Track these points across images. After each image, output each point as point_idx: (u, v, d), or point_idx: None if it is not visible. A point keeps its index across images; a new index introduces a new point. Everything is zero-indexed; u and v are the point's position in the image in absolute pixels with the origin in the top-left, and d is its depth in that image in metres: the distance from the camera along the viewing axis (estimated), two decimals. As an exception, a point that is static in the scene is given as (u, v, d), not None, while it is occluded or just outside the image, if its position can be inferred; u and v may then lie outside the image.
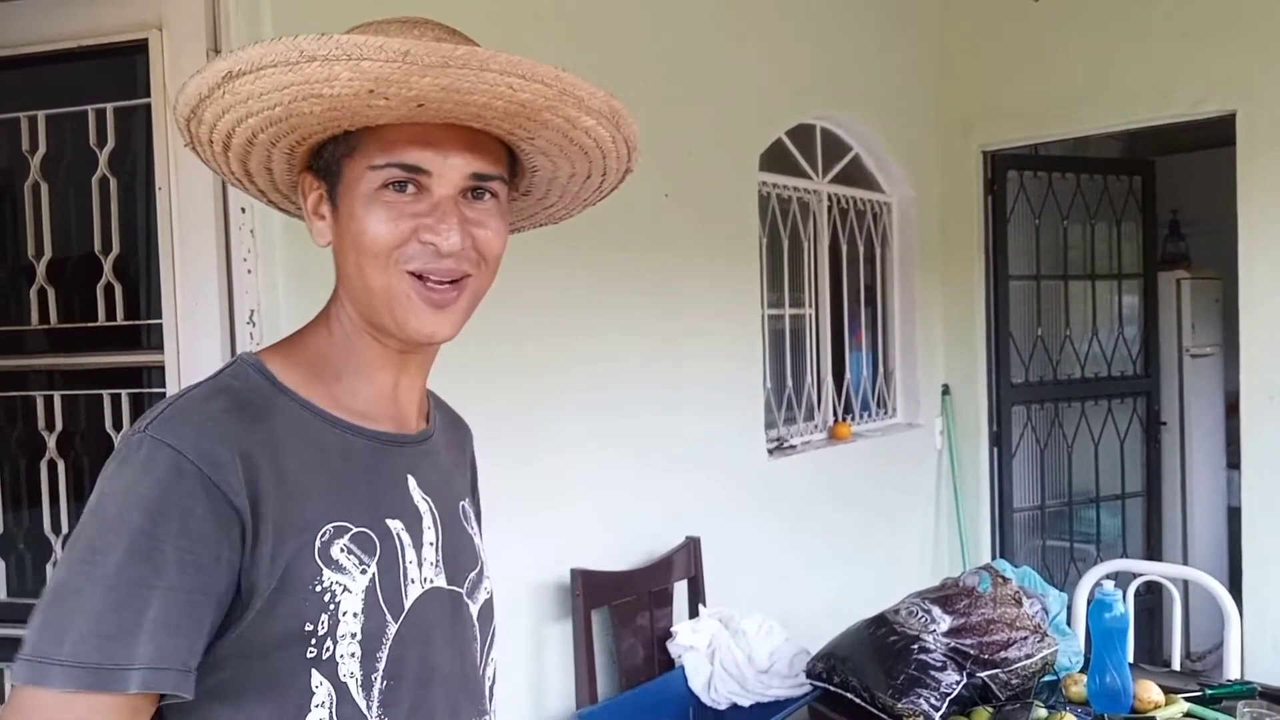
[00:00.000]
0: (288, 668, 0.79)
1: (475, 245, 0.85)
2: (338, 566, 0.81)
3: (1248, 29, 3.46)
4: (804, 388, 3.62)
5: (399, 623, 0.85)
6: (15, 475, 2.11)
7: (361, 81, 0.74)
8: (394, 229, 0.82)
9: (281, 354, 0.89)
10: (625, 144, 0.91)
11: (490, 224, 0.86)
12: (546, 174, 0.95)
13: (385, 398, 0.91)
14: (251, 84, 0.76)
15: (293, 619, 0.79)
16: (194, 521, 0.75)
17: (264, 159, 0.88)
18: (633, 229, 2.69)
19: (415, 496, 0.90)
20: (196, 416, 0.79)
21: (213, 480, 0.75)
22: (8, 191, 2.07)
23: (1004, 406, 4.19)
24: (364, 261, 0.84)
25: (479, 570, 0.98)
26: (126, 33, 1.90)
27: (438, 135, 0.82)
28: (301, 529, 0.80)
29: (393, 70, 0.73)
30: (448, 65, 0.74)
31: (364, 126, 0.82)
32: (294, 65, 0.73)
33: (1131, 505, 4.46)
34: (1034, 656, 1.89)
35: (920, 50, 4.07)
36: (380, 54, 0.72)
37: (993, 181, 4.14)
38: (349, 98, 0.76)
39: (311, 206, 0.89)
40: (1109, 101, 3.79)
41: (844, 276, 3.84)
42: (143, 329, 2.00)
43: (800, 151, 3.56)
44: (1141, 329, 4.47)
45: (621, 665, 2.54)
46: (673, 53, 2.87)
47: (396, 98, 0.76)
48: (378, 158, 0.82)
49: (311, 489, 0.82)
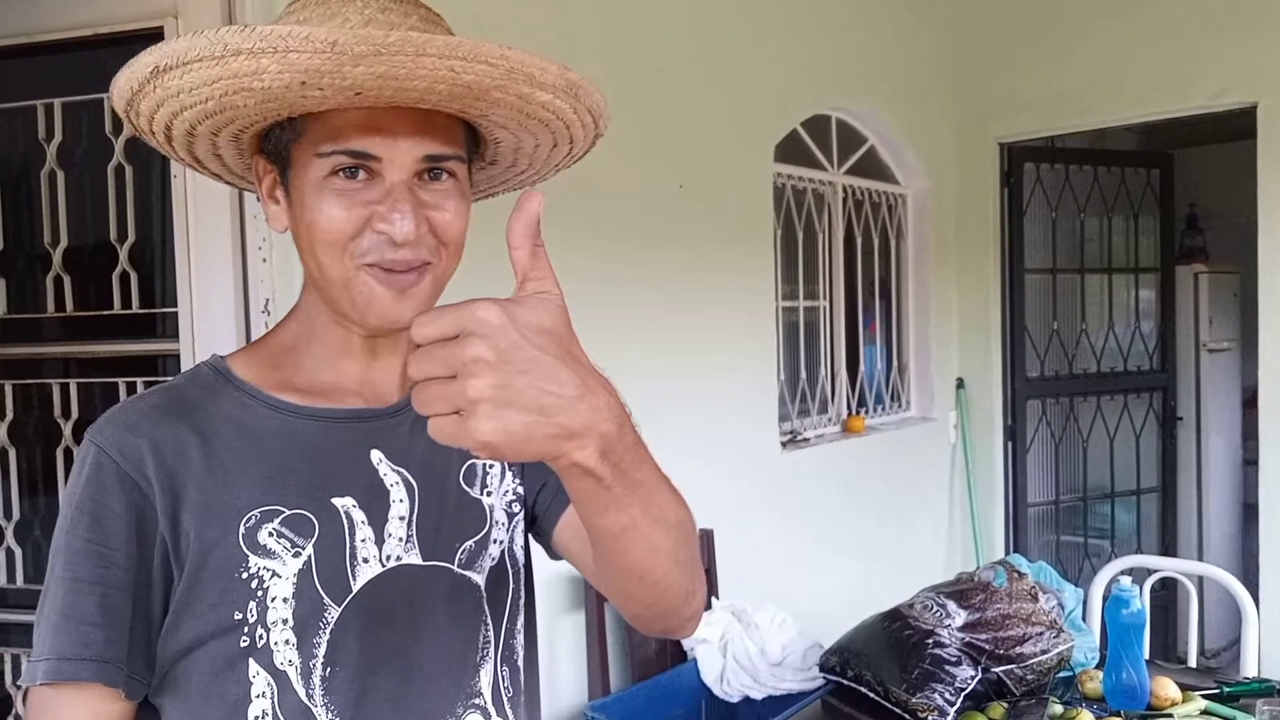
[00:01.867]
0: (225, 658, 0.80)
1: (433, 229, 0.81)
2: (266, 552, 0.81)
3: (1270, 19, 3.42)
4: (818, 380, 3.61)
5: (343, 606, 0.83)
6: (31, 463, 2.12)
7: (291, 74, 0.71)
8: (346, 219, 0.79)
9: (247, 350, 0.92)
10: (589, 113, 0.85)
11: (448, 205, 0.82)
12: (510, 144, 0.90)
13: (354, 377, 0.90)
14: (180, 79, 0.73)
15: (223, 608, 0.79)
16: (107, 516, 0.79)
17: (209, 147, 0.86)
18: (646, 220, 2.68)
19: (380, 470, 0.88)
20: (124, 415, 0.83)
21: (128, 474, 0.79)
22: (24, 179, 2.07)
23: (1019, 400, 4.17)
24: (319, 252, 0.81)
25: (483, 535, 0.93)
26: (142, 20, 1.89)
27: (385, 119, 0.78)
28: (226, 514, 0.80)
29: (323, 61, 0.69)
30: (380, 54, 0.69)
31: (307, 113, 0.79)
32: (219, 59, 0.70)
33: (1147, 501, 4.44)
34: (1050, 652, 1.88)
35: (937, 41, 4.04)
36: (307, 45, 0.69)
37: (1009, 174, 4.11)
38: (280, 90, 0.73)
39: (266, 191, 0.87)
40: (1127, 93, 3.76)
41: (858, 269, 3.82)
42: (158, 317, 2.00)
43: (815, 143, 3.54)
44: (1158, 323, 4.44)
45: (634, 658, 2.54)
46: (687, 43, 2.85)
47: (331, 88, 0.73)
48: (324, 144, 0.79)
49: (240, 475, 0.82)
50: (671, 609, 0.84)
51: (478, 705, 0.90)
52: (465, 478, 0.94)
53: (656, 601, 0.82)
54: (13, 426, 2.11)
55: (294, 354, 0.90)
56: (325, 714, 0.82)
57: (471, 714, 0.90)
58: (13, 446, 2.11)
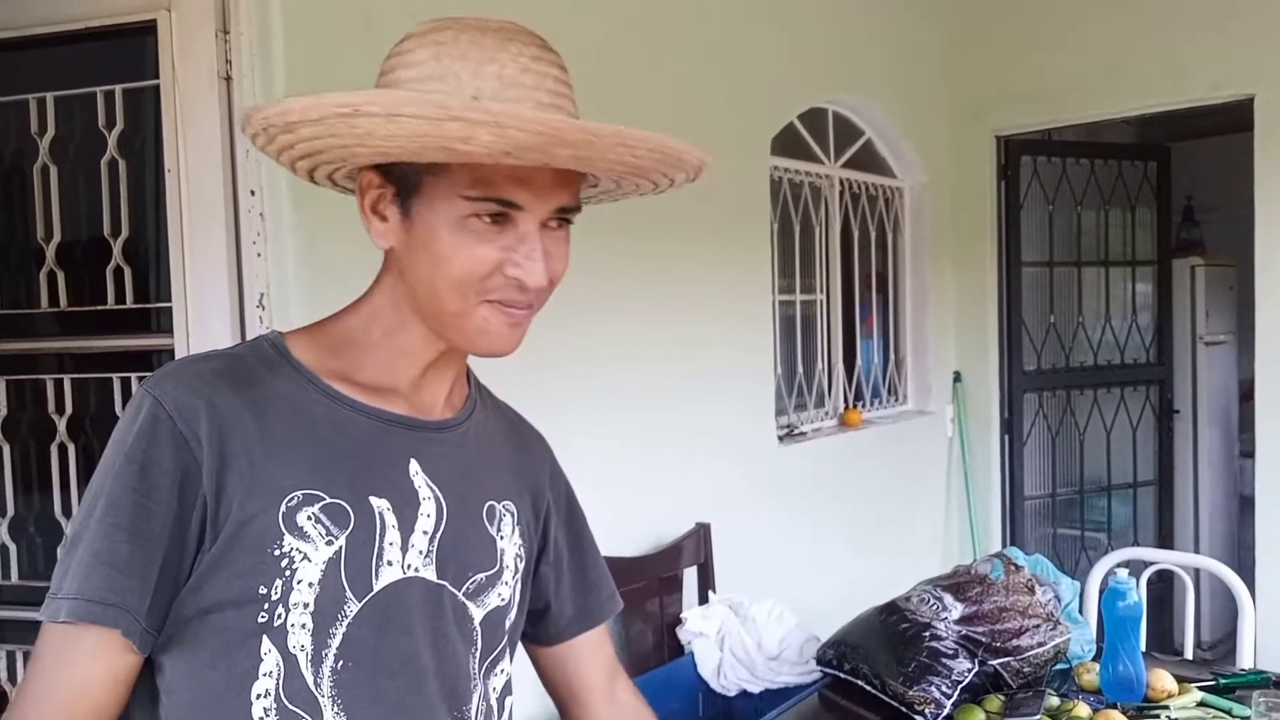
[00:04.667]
0: (240, 629, 0.80)
1: (548, 274, 0.86)
2: (301, 534, 0.81)
3: (1267, 11, 3.41)
4: (815, 374, 3.61)
5: (363, 602, 0.83)
6: (26, 459, 2.11)
7: (501, 145, 0.73)
8: (483, 262, 0.82)
9: (306, 332, 0.92)
10: (696, 171, 0.91)
11: (563, 252, 0.87)
12: (605, 187, 0.96)
13: (407, 383, 0.91)
14: (382, 125, 0.74)
15: (249, 578, 0.80)
16: (155, 470, 0.79)
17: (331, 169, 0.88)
18: (642, 213, 2.65)
19: (416, 481, 0.89)
20: (185, 373, 0.84)
21: (181, 431, 0.80)
22: (17, 174, 2.06)
23: (1016, 394, 4.17)
24: (441, 285, 0.83)
25: (494, 574, 0.94)
26: (135, 13, 1.88)
27: (533, 172, 0.81)
28: (271, 490, 0.81)
29: (534, 140, 0.73)
30: (591, 142, 0.76)
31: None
32: (434, 121, 0.72)
33: (1144, 494, 4.44)
34: (1046, 645, 1.88)
35: (933, 35, 4.03)
36: (525, 125, 0.72)
37: (1006, 167, 4.11)
38: (483, 155, 0.75)
39: (370, 204, 0.86)
40: (1124, 86, 3.75)
41: (855, 262, 3.82)
42: (152, 312, 1.99)
43: (812, 136, 3.53)
44: (1155, 316, 4.44)
45: (631, 651, 2.54)
46: (685, 36, 2.84)
47: (525, 158, 0.76)
48: (473, 189, 0.80)
49: (291, 454, 0.83)
50: None
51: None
52: (487, 515, 0.95)
53: None
54: (6, 422, 2.10)
55: (355, 348, 0.90)
56: (331, 706, 0.82)
57: None
58: (6, 442, 2.10)
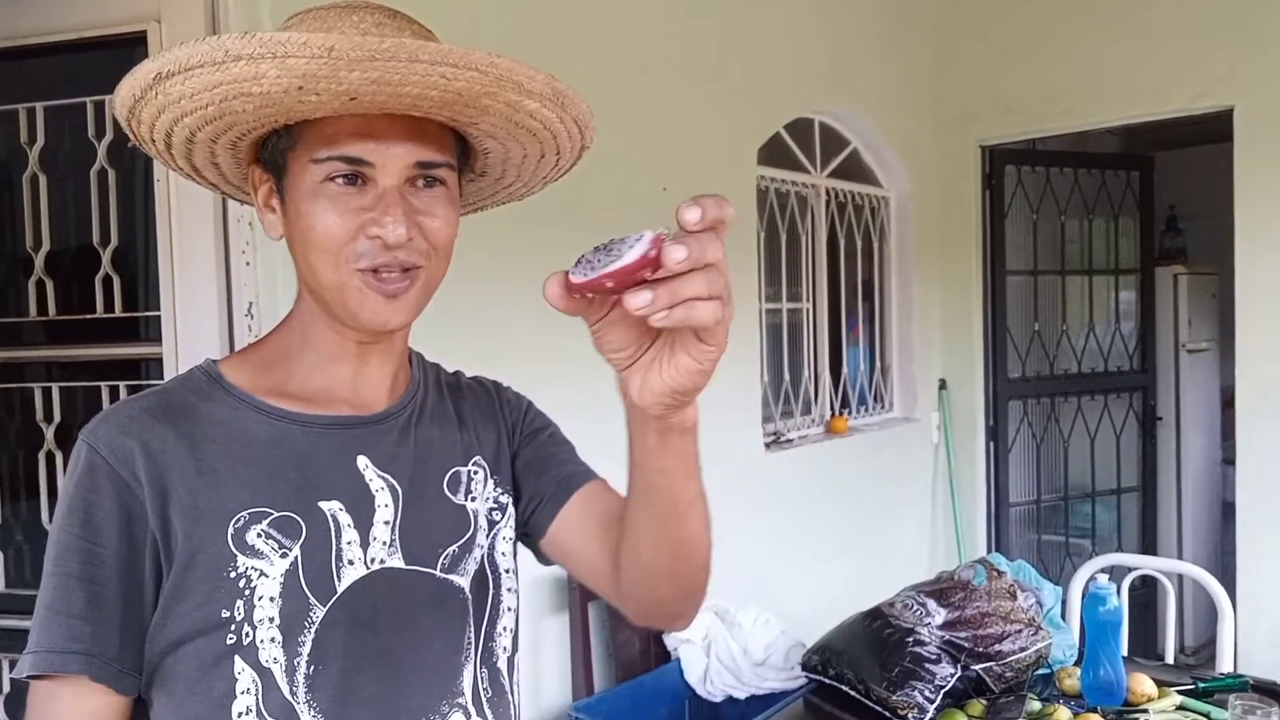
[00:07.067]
0: (212, 654, 0.82)
1: (424, 235, 0.84)
2: (254, 552, 0.82)
3: (1246, 24, 3.46)
4: (801, 382, 3.63)
5: (328, 606, 0.84)
6: (13, 467, 2.12)
7: (289, 79, 0.74)
8: (340, 224, 0.82)
9: (240, 355, 0.95)
10: (575, 123, 0.88)
11: (439, 212, 0.85)
12: (499, 155, 0.93)
13: (343, 384, 0.92)
14: (181, 84, 0.75)
15: (211, 605, 0.81)
16: (98, 514, 0.81)
17: (207, 155, 0.88)
18: (630, 223, 2.67)
19: (367, 475, 0.89)
20: (117, 416, 0.85)
21: (119, 473, 0.81)
22: (6, 183, 2.07)
23: (1000, 401, 4.20)
24: (313, 257, 0.84)
25: (466, 539, 0.95)
26: (125, 24, 1.89)
27: (379, 126, 0.81)
28: (215, 516, 0.82)
29: (319, 66, 0.73)
30: (375, 59, 0.73)
31: (303, 120, 0.82)
32: (221, 65, 0.73)
33: (1127, 500, 4.48)
34: (1028, 650, 1.90)
35: (919, 45, 4.07)
36: (305, 50, 0.72)
37: (991, 176, 4.15)
38: (279, 94, 0.75)
39: (262, 200, 0.89)
40: (1108, 96, 3.80)
41: (842, 271, 3.84)
42: (141, 321, 2.00)
43: (799, 145, 3.56)
44: (1138, 324, 4.48)
45: (618, 658, 2.55)
46: (671, 46, 2.86)
47: (327, 93, 0.75)
48: (319, 150, 0.81)
49: (230, 477, 0.84)
50: (700, 587, 0.90)
51: (460, 705, 0.92)
52: (449, 485, 0.96)
53: (693, 578, 0.88)
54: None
55: (286, 360, 0.92)
56: (309, 711, 0.83)
57: (454, 713, 0.91)
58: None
